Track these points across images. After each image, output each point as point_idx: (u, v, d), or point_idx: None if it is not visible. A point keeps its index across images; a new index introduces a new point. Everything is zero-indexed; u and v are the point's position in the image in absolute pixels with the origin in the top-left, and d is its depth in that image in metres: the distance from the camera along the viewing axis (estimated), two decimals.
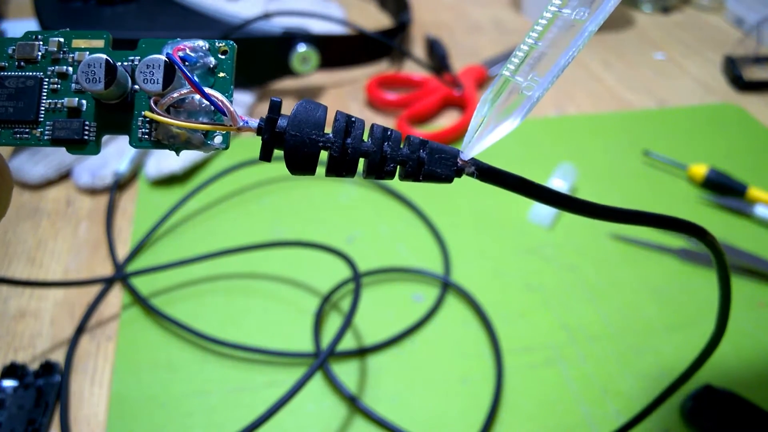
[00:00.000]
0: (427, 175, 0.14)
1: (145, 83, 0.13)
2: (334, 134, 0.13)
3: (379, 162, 0.14)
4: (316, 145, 0.13)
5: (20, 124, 0.14)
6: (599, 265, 0.37)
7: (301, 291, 0.34)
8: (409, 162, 0.14)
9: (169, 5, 0.49)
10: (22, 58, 0.14)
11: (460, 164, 0.14)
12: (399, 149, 0.14)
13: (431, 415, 0.29)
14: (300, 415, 0.28)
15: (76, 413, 0.28)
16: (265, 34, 0.47)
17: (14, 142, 0.14)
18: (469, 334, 0.33)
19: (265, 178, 0.42)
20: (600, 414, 0.29)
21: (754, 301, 0.35)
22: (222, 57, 0.14)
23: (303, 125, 0.13)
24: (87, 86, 0.13)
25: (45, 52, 0.14)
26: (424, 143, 0.14)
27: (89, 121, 0.14)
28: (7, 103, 0.14)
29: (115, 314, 0.33)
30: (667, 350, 0.32)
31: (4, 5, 0.62)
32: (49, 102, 0.14)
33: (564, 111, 0.52)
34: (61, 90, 0.14)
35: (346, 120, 0.13)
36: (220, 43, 0.14)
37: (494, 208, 0.40)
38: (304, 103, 0.13)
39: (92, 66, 0.13)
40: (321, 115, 0.13)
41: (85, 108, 0.14)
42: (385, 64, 0.56)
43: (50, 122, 0.14)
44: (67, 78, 0.14)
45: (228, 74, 0.14)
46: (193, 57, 0.14)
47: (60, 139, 0.14)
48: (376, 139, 0.14)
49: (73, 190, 0.40)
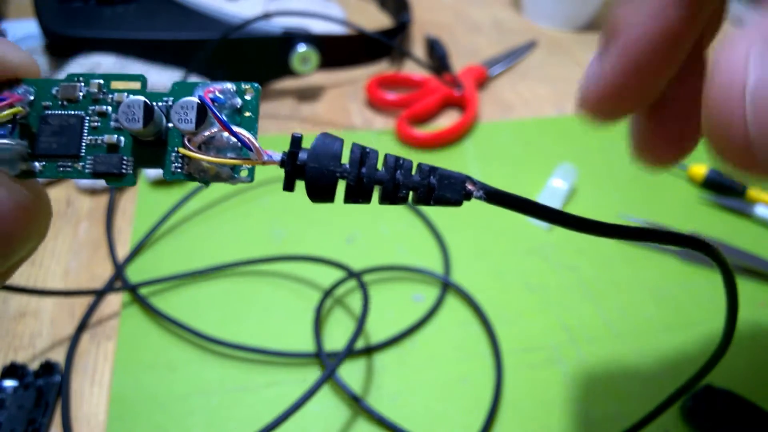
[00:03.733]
0: (438, 200, 0.15)
1: (180, 123, 0.14)
2: (350, 165, 0.14)
3: (392, 189, 0.15)
4: (333, 175, 0.14)
5: (63, 158, 0.15)
6: (599, 265, 0.37)
7: (303, 291, 0.34)
8: (420, 188, 0.15)
9: (168, 5, 0.49)
10: (65, 98, 0.15)
11: (468, 188, 0.15)
12: (410, 176, 0.15)
13: (431, 414, 0.29)
14: (302, 417, 0.28)
15: (76, 413, 0.28)
16: (265, 34, 0.47)
17: (58, 174, 0.15)
18: (469, 334, 0.33)
19: (265, 179, 0.42)
20: (600, 414, 0.29)
21: (755, 301, 0.35)
22: (247, 98, 0.15)
23: (322, 158, 0.14)
24: (127, 125, 0.14)
25: (86, 93, 0.15)
26: (434, 170, 0.15)
27: (127, 156, 0.15)
28: (52, 139, 0.15)
29: (115, 314, 0.33)
30: (668, 350, 0.32)
31: (4, 5, 0.62)
32: (90, 138, 0.15)
33: (564, 111, 0.52)
34: (100, 127, 0.15)
35: (360, 151, 0.15)
36: (246, 86, 0.15)
37: (494, 208, 0.40)
38: (322, 137, 0.15)
39: (132, 107, 0.14)
40: (338, 148, 0.14)
41: (123, 144, 0.15)
42: (385, 64, 0.56)
43: (91, 157, 0.15)
44: (107, 117, 0.15)
45: (253, 114, 0.15)
46: (222, 98, 0.15)
47: (101, 172, 0.15)
48: (389, 168, 0.15)
49: (73, 190, 0.40)
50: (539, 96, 0.54)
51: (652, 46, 0.16)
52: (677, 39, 0.16)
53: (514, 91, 0.54)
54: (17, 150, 0.15)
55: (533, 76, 0.57)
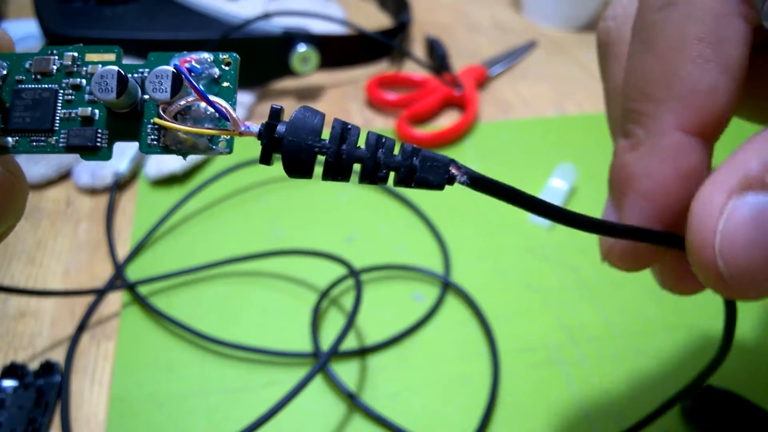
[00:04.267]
0: (419, 182, 0.14)
1: (154, 92, 0.14)
2: (330, 140, 0.14)
3: (372, 168, 0.14)
4: (311, 150, 0.14)
5: (37, 133, 0.15)
6: (599, 265, 0.37)
7: (301, 291, 0.34)
8: (402, 169, 0.14)
9: (169, 5, 0.49)
10: (38, 71, 0.15)
11: (452, 172, 0.14)
12: (392, 156, 0.14)
13: (431, 414, 0.29)
14: (299, 414, 0.28)
15: (76, 413, 0.28)
16: (265, 34, 0.47)
17: (31, 150, 0.15)
18: (469, 334, 0.33)
19: (264, 179, 0.42)
20: (600, 414, 0.29)
21: (756, 301, 0.35)
22: (226, 68, 0.15)
23: (300, 131, 0.14)
24: (100, 96, 0.14)
25: (60, 66, 0.15)
26: (416, 151, 0.14)
27: (101, 128, 0.15)
28: (25, 114, 0.15)
29: (115, 314, 0.33)
30: (667, 350, 0.32)
31: (4, 5, 0.62)
32: (64, 112, 0.15)
33: (564, 111, 0.52)
34: (75, 100, 0.15)
35: (341, 127, 0.14)
36: (224, 55, 0.15)
37: (494, 208, 0.40)
38: (302, 110, 0.14)
39: (105, 77, 0.14)
40: (318, 122, 0.14)
41: (98, 117, 0.15)
42: (385, 64, 0.56)
43: (65, 131, 0.15)
44: (81, 89, 0.15)
45: (231, 84, 0.15)
46: (199, 68, 0.15)
47: (74, 146, 0.15)
48: (370, 146, 0.14)
49: (73, 189, 0.40)
50: (539, 96, 0.54)
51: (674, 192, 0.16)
52: (698, 177, 0.16)
53: (514, 91, 0.54)
54: None
55: (533, 76, 0.57)
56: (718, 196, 0.13)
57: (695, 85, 0.15)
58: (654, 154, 0.16)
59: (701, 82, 0.15)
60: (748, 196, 0.13)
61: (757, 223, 0.13)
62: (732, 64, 0.15)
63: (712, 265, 0.13)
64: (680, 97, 0.15)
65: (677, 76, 0.15)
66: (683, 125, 0.15)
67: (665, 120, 0.15)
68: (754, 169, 0.13)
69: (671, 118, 0.15)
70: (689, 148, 0.15)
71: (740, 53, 0.15)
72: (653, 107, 0.16)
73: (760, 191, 0.13)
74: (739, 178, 0.13)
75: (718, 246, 0.13)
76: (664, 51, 0.15)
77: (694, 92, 0.15)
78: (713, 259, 0.13)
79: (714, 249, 0.13)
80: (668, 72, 0.15)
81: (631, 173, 0.16)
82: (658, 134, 0.16)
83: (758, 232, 0.13)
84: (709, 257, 0.13)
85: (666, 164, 0.16)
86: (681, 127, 0.15)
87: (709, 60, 0.15)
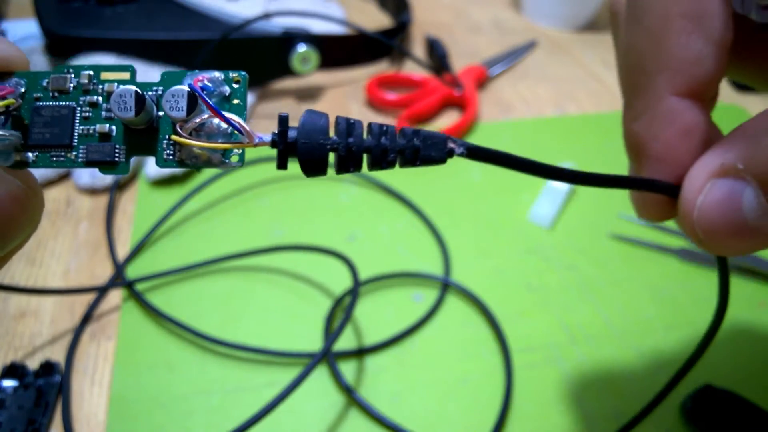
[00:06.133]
0: (424, 159, 0.15)
1: (171, 111, 0.15)
2: (338, 136, 0.15)
3: (380, 154, 0.15)
4: (324, 148, 0.15)
5: (56, 149, 0.15)
6: (599, 265, 0.37)
7: (301, 290, 0.34)
8: (407, 150, 0.15)
9: (169, 5, 0.49)
10: (55, 89, 0.16)
11: (450, 146, 0.15)
12: (396, 141, 0.15)
13: (431, 414, 0.29)
14: (298, 413, 0.28)
15: (77, 413, 0.28)
16: (265, 34, 0.47)
17: (51, 164, 0.15)
18: (469, 334, 0.33)
19: (264, 179, 0.42)
20: (600, 414, 0.29)
21: (755, 301, 0.35)
22: (235, 86, 0.16)
23: (311, 133, 0.15)
24: (119, 114, 0.15)
25: (77, 84, 0.16)
26: (416, 132, 0.15)
27: (119, 144, 0.16)
28: (44, 130, 0.15)
29: (115, 314, 0.33)
30: (667, 349, 0.32)
31: (4, 5, 0.62)
32: (82, 128, 0.16)
33: (564, 111, 0.52)
34: (92, 117, 0.16)
35: (346, 122, 0.15)
36: (233, 74, 0.16)
37: (494, 209, 0.40)
38: (308, 114, 0.15)
39: (123, 96, 0.15)
40: (324, 122, 0.15)
41: (115, 133, 0.16)
42: (385, 64, 0.56)
43: (83, 146, 0.15)
44: (98, 107, 0.16)
45: (241, 101, 0.16)
46: (211, 86, 0.15)
47: (94, 161, 0.15)
48: (375, 135, 0.15)
49: (73, 190, 0.40)
50: (539, 96, 0.54)
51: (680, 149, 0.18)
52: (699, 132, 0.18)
53: (514, 91, 0.54)
54: (11, 141, 0.15)
55: (533, 76, 0.57)
56: (701, 176, 0.16)
57: (682, 56, 0.17)
58: (655, 120, 0.18)
59: (687, 52, 0.17)
60: (722, 180, 0.16)
61: (725, 203, 0.16)
62: (715, 35, 0.17)
63: (691, 230, 0.17)
64: (669, 68, 0.17)
65: (665, 49, 0.17)
66: (676, 90, 0.17)
67: (659, 88, 0.17)
68: (730, 159, 0.16)
69: (664, 86, 0.17)
70: (685, 110, 0.17)
71: (722, 25, 0.17)
72: (647, 79, 0.18)
73: (731, 178, 0.16)
74: (718, 164, 0.16)
75: (695, 216, 0.16)
76: (652, 27, 0.17)
77: (682, 62, 0.17)
78: (692, 227, 0.17)
79: (693, 218, 0.16)
80: (657, 46, 0.17)
81: (641, 140, 0.18)
82: (655, 102, 0.18)
83: (726, 210, 0.16)
84: (689, 224, 0.17)
85: (667, 127, 0.17)
86: (674, 92, 0.17)
87: (691, 33, 0.17)
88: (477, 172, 0.43)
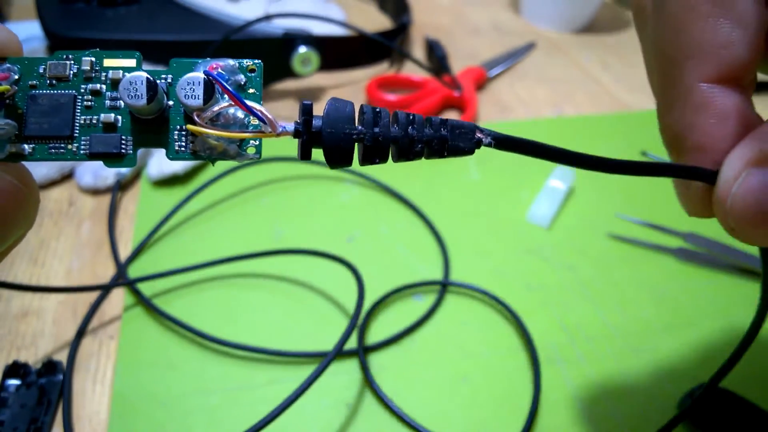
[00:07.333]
0: (452, 150, 0.15)
1: (186, 99, 0.14)
2: (364, 126, 0.14)
3: (408, 145, 0.14)
4: (350, 138, 0.14)
5: (55, 140, 0.14)
6: (598, 265, 0.37)
7: (302, 291, 0.35)
8: (434, 140, 0.15)
9: (170, 6, 0.50)
10: (54, 76, 0.15)
11: (478, 136, 0.15)
12: (423, 130, 0.15)
13: (432, 414, 0.29)
14: (300, 413, 0.29)
15: (78, 412, 0.28)
16: (266, 35, 0.47)
17: (49, 156, 0.14)
18: (468, 334, 0.33)
19: (266, 178, 0.42)
20: (599, 413, 0.29)
21: (755, 301, 0.35)
22: (251, 75, 0.15)
23: (336, 122, 0.14)
24: (130, 102, 0.14)
25: (77, 71, 0.15)
26: (444, 122, 0.15)
27: (126, 135, 0.14)
28: (42, 120, 0.14)
29: (117, 313, 0.33)
30: (666, 349, 0.32)
31: (7, 7, 0.62)
32: (84, 118, 0.14)
33: (562, 112, 0.52)
34: (95, 107, 0.15)
35: (372, 111, 0.15)
36: (248, 62, 0.15)
37: (493, 209, 0.41)
38: (333, 102, 0.14)
39: (134, 83, 0.14)
40: (350, 110, 0.14)
41: (121, 123, 0.15)
42: (385, 66, 0.56)
43: (86, 137, 0.14)
44: (101, 95, 0.15)
45: (257, 90, 0.15)
46: (225, 75, 0.15)
47: (98, 153, 0.14)
48: (402, 125, 0.15)
49: (75, 190, 0.41)
50: (538, 97, 0.54)
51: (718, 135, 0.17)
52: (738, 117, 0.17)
53: (512, 93, 0.54)
54: (6, 131, 0.14)
55: (532, 77, 0.57)
56: (737, 164, 0.16)
57: (708, 41, 0.16)
58: (688, 109, 0.17)
59: (713, 37, 0.16)
60: (758, 169, 0.15)
61: (760, 192, 0.15)
62: (745, 18, 0.16)
63: (724, 219, 0.16)
64: (696, 55, 0.16)
65: (690, 35, 0.16)
66: (706, 77, 0.17)
67: (688, 77, 0.17)
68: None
69: (693, 74, 0.17)
70: (717, 96, 0.17)
71: (753, 6, 0.16)
72: (676, 68, 0.17)
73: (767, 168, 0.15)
74: (756, 152, 0.15)
75: (728, 205, 0.16)
76: (676, 14, 0.17)
77: (709, 47, 0.16)
78: (725, 214, 0.16)
79: (726, 207, 0.16)
80: (682, 33, 0.17)
81: (677, 132, 0.18)
82: (686, 91, 0.17)
83: (760, 199, 0.15)
84: (722, 213, 0.16)
85: (701, 114, 0.17)
86: (704, 79, 0.17)
87: (716, 17, 0.16)
88: (476, 172, 0.44)
